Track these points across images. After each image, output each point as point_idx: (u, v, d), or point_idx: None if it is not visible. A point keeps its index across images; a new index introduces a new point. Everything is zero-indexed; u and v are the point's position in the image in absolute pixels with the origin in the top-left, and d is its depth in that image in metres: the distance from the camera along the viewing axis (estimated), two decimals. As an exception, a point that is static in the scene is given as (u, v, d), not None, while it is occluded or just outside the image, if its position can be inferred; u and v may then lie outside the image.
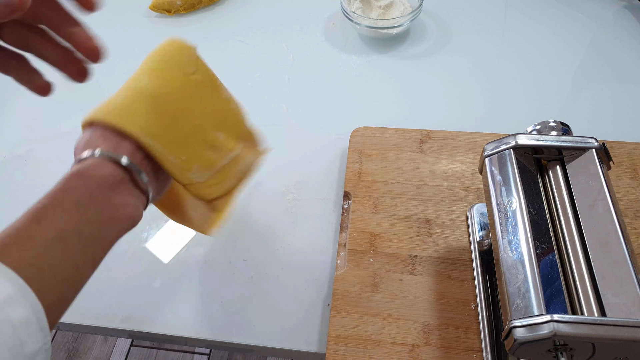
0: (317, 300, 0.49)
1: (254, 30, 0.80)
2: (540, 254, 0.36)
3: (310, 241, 0.53)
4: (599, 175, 0.39)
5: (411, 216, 0.52)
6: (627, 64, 0.71)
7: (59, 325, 0.51)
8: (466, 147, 0.58)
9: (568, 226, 0.38)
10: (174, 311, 0.49)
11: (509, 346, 0.33)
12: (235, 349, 0.48)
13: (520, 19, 0.79)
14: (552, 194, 0.41)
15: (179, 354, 1.28)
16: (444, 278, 0.48)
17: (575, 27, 0.77)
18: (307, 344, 0.46)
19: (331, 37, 0.78)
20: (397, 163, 0.57)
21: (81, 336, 1.33)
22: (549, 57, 0.72)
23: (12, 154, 0.65)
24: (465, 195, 0.54)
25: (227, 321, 0.48)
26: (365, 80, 0.71)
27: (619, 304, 0.33)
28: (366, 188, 0.55)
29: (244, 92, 0.71)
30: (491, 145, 0.43)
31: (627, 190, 0.53)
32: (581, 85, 0.69)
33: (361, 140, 0.60)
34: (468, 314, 0.45)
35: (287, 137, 0.64)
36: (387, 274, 0.48)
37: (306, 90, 0.70)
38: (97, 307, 0.50)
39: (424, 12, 0.80)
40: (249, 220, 0.56)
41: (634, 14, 0.78)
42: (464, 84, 0.69)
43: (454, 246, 0.50)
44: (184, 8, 0.83)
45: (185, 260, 0.53)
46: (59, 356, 1.29)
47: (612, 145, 0.56)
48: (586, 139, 0.41)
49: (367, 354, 0.43)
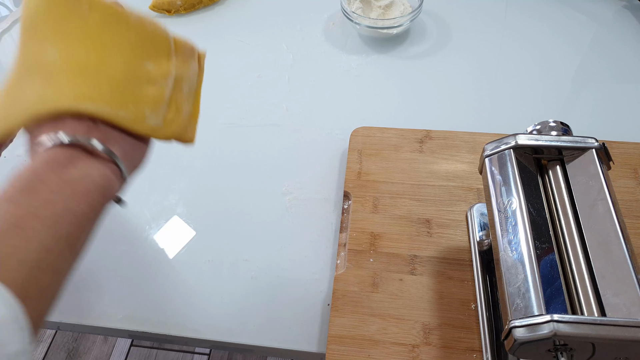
0: (317, 300, 0.49)
1: (254, 30, 0.80)
2: (540, 254, 0.36)
3: (310, 241, 0.53)
4: (599, 175, 0.39)
5: (411, 216, 0.52)
6: (627, 64, 0.71)
7: (59, 325, 0.51)
8: (466, 147, 0.58)
9: (568, 226, 0.38)
10: (174, 311, 0.49)
11: (509, 346, 0.33)
12: (235, 349, 0.48)
13: (520, 19, 0.79)
14: (552, 194, 0.41)
15: (179, 354, 1.28)
16: (444, 278, 0.48)
17: (575, 27, 0.77)
18: (307, 344, 0.46)
19: (331, 37, 0.78)
20: (397, 163, 0.57)
21: (81, 336, 1.33)
22: (549, 57, 0.72)
23: (12, 154, 0.65)
24: (465, 195, 0.54)
25: (227, 321, 0.48)
26: (365, 80, 0.71)
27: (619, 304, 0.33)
28: (366, 188, 0.55)
29: (244, 92, 0.71)
30: (491, 145, 0.43)
31: (627, 190, 0.53)
32: (581, 85, 0.69)
33: (361, 140, 0.60)
34: (468, 314, 0.45)
35: (287, 137, 0.64)
36: (387, 274, 0.48)
37: (306, 90, 0.70)
38: (97, 307, 0.50)
39: (424, 12, 0.80)
40: (249, 220, 0.56)
41: (634, 14, 0.78)
42: (464, 84, 0.69)
43: (454, 246, 0.50)
44: (184, 8, 0.83)
45: (185, 260, 0.53)
46: (59, 356, 1.29)
47: (612, 145, 0.56)
48: (586, 139, 0.41)
49: (367, 354, 0.43)
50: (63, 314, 0.50)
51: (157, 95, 0.36)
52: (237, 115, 0.68)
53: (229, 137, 0.65)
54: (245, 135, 0.65)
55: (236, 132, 0.66)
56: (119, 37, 0.35)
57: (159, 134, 0.37)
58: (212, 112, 0.69)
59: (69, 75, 0.32)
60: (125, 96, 0.34)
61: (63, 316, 0.50)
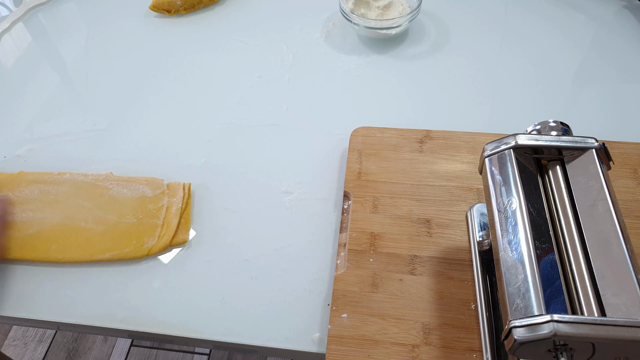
0: (317, 300, 0.49)
1: (254, 30, 0.80)
2: (540, 254, 0.36)
3: (310, 241, 0.53)
4: (599, 175, 0.39)
5: (411, 216, 0.52)
6: (627, 64, 0.71)
7: (59, 325, 0.51)
8: (466, 147, 0.58)
9: (568, 226, 0.38)
10: (174, 311, 0.49)
11: (508, 346, 0.33)
12: (235, 349, 0.48)
13: (519, 19, 0.79)
14: (552, 194, 0.41)
15: (179, 354, 1.28)
16: (444, 278, 0.48)
17: (575, 27, 0.77)
18: (307, 344, 0.46)
19: (331, 38, 0.78)
20: (397, 163, 0.57)
21: (81, 336, 1.33)
22: (549, 57, 0.72)
23: (12, 154, 0.65)
24: (465, 195, 0.54)
25: (227, 321, 0.48)
26: (365, 81, 0.71)
27: (619, 304, 0.33)
28: (366, 188, 0.55)
29: (244, 92, 0.71)
30: (491, 145, 0.43)
31: (627, 190, 0.53)
32: (581, 85, 0.69)
33: (361, 140, 0.60)
34: (468, 314, 0.45)
35: (287, 137, 0.64)
36: (387, 274, 0.48)
37: (306, 91, 0.70)
38: (97, 307, 0.50)
39: (423, 12, 0.80)
40: (249, 220, 0.56)
41: (634, 14, 0.78)
42: (463, 84, 0.69)
43: (454, 246, 0.50)
44: (184, 8, 0.83)
45: (185, 259, 0.53)
46: (59, 356, 1.29)
47: (612, 145, 0.56)
48: (586, 139, 0.41)
49: (367, 354, 0.43)
50: (63, 314, 0.50)
51: (154, 224, 0.54)
52: (237, 115, 0.68)
53: (229, 137, 0.65)
54: (245, 135, 0.65)
55: (236, 132, 0.66)
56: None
57: (153, 250, 0.52)
58: (212, 112, 0.69)
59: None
60: (131, 239, 0.53)
61: (63, 316, 0.50)
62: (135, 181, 0.58)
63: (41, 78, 0.76)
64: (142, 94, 0.72)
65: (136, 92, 0.72)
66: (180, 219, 0.55)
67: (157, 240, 0.53)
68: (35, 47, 0.83)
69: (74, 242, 0.53)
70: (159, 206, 0.55)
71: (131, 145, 0.65)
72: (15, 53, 0.82)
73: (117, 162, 0.63)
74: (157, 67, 0.75)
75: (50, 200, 0.56)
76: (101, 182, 0.58)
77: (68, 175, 0.59)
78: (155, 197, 0.56)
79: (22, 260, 0.53)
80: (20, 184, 0.58)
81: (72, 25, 0.86)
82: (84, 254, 0.52)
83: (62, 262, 0.52)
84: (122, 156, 0.64)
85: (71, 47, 0.82)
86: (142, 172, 0.61)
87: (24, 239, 0.53)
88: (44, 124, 0.69)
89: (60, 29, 0.86)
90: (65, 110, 0.70)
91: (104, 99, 0.72)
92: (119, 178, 0.59)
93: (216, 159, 0.63)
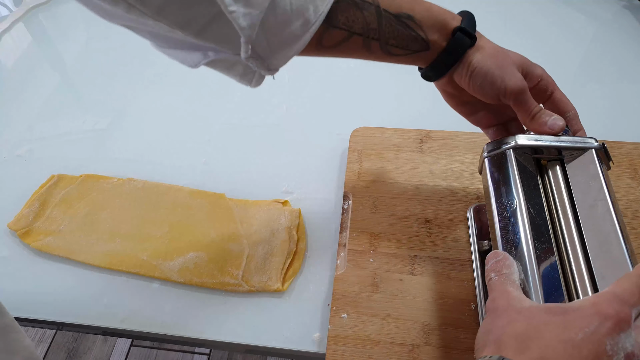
0: (317, 300, 0.49)
1: (254, 30, 0.80)
2: (540, 254, 0.36)
3: (310, 241, 0.53)
4: (599, 175, 0.39)
5: (411, 216, 0.52)
6: (627, 64, 0.71)
7: (59, 325, 0.51)
8: (466, 147, 0.58)
9: (568, 226, 0.38)
10: (174, 311, 0.49)
11: (508, 346, 0.33)
12: (235, 349, 0.48)
13: (519, 18, 0.79)
14: (552, 194, 0.41)
15: (179, 354, 1.28)
16: (444, 278, 0.48)
17: (575, 27, 0.77)
18: (307, 344, 0.46)
19: (331, 37, 0.78)
20: (397, 163, 0.57)
21: (81, 336, 1.33)
22: (549, 57, 0.72)
23: (12, 154, 0.65)
24: (465, 195, 0.54)
25: (227, 321, 0.48)
26: (365, 80, 0.71)
27: (618, 304, 0.33)
28: (366, 188, 0.55)
29: (244, 92, 0.71)
30: (491, 145, 0.43)
31: (627, 190, 0.53)
32: (581, 85, 0.69)
33: (361, 141, 0.60)
34: (468, 314, 0.45)
35: (287, 137, 0.64)
36: (387, 274, 0.48)
37: (306, 90, 0.70)
38: (97, 307, 0.50)
39: (424, 12, 0.80)
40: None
41: (634, 14, 0.78)
42: (464, 84, 0.69)
43: (453, 246, 0.50)
44: (184, 8, 0.83)
45: (185, 260, 0.53)
46: (59, 356, 1.29)
47: (612, 145, 0.56)
48: (586, 139, 0.41)
49: (367, 354, 0.43)
50: (63, 314, 0.50)
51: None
52: (237, 116, 0.68)
53: (229, 137, 0.65)
54: (245, 135, 0.65)
55: (236, 132, 0.66)
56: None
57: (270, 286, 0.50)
58: (212, 112, 0.69)
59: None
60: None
61: (63, 316, 0.50)
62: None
63: (41, 78, 0.76)
64: (142, 94, 0.72)
65: (136, 92, 0.72)
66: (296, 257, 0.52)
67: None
68: (35, 47, 0.83)
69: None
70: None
71: (131, 145, 0.65)
72: (15, 53, 0.82)
73: (117, 162, 0.63)
74: (157, 67, 0.75)
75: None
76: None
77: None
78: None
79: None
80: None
81: (72, 25, 0.86)
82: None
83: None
84: (122, 156, 0.64)
85: (71, 47, 0.82)
86: (142, 172, 0.60)
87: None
88: (44, 124, 0.69)
89: (60, 29, 0.86)
90: (65, 110, 0.70)
91: (104, 99, 0.72)
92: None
93: (216, 159, 0.63)
